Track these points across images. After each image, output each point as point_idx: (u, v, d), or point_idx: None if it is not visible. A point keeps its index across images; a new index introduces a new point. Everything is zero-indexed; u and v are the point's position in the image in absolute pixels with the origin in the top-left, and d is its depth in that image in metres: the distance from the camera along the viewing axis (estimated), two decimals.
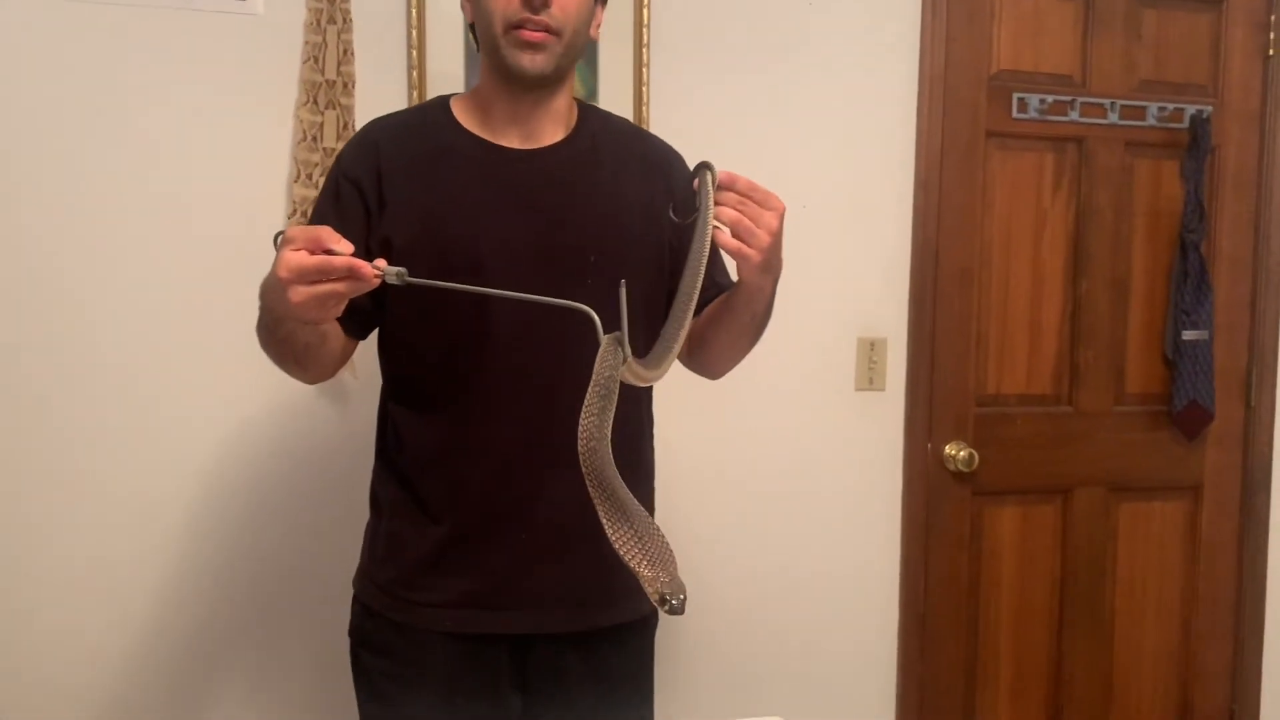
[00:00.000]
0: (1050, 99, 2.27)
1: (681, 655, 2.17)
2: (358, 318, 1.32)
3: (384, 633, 1.36)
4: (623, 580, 1.35)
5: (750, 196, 1.18)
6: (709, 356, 1.45)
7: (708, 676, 2.19)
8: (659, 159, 1.44)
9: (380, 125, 1.40)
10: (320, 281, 1.01)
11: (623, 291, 0.93)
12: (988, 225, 2.28)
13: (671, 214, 1.20)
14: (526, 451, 1.29)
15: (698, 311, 1.39)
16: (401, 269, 0.99)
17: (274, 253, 1.05)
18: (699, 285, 1.15)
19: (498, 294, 1.06)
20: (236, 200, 1.85)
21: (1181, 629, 2.46)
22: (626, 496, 0.81)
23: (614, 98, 2.02)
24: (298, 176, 1.85)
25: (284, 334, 1.21)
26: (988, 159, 2.27)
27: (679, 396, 2.09)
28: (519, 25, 1.25)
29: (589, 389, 0.88)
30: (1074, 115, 2.29)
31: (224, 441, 1.91)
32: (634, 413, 1.41)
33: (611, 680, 1.38)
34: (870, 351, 2.23)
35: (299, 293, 1.02)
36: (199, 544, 1.92)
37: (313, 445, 1.94)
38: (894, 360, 2.25)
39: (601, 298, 1.29)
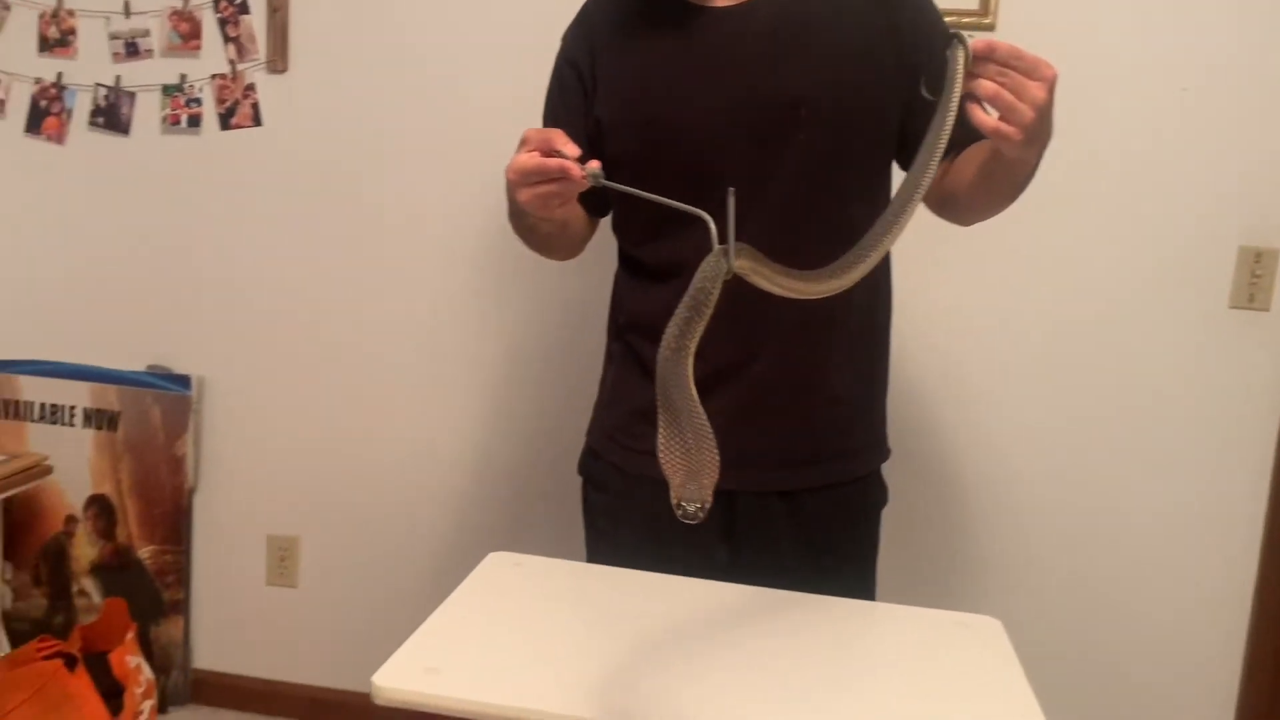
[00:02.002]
0: None
1: (989, 587, 2.04)
2: (594, 200, 1.36)
3: (605, 473, 1.42)
4: (825, 443, 1.34)
5: (1013, 65, 1.01)
6: (960, 213, 1.33)
7: (1012, 609, 2.04)
8: None
9: (595, 2, 1.40)
10: (542, 182, 1.08)
11: (730, 200, 0.88)
12: None
13: (924, 90, 1.08)
14: (736, 323, 1.26)
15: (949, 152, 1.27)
16: (597, 172, 1.04)
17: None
18: (919, 192, 1.03)
19: (636, 194, 1.03)
20: None
21: None
22: (686, 408, 0.80)
23: None
24: None
25: (528, 224, 1.28)
26: None
27: (1010, 295, 1.95)
28: None
29: (684, 297, 0.86)
30: None
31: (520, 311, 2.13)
32: (880, 276, 1.33)
33: (821, 538, 1.34)
34: (1254, 263, 1.90)
35: (524, 193, 1.10)
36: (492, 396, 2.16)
37: (570, 306, 2.11)
38: None
39: (811, 152, 1.24)
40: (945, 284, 1.98)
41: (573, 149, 1.05)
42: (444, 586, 1.21)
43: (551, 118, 1.37)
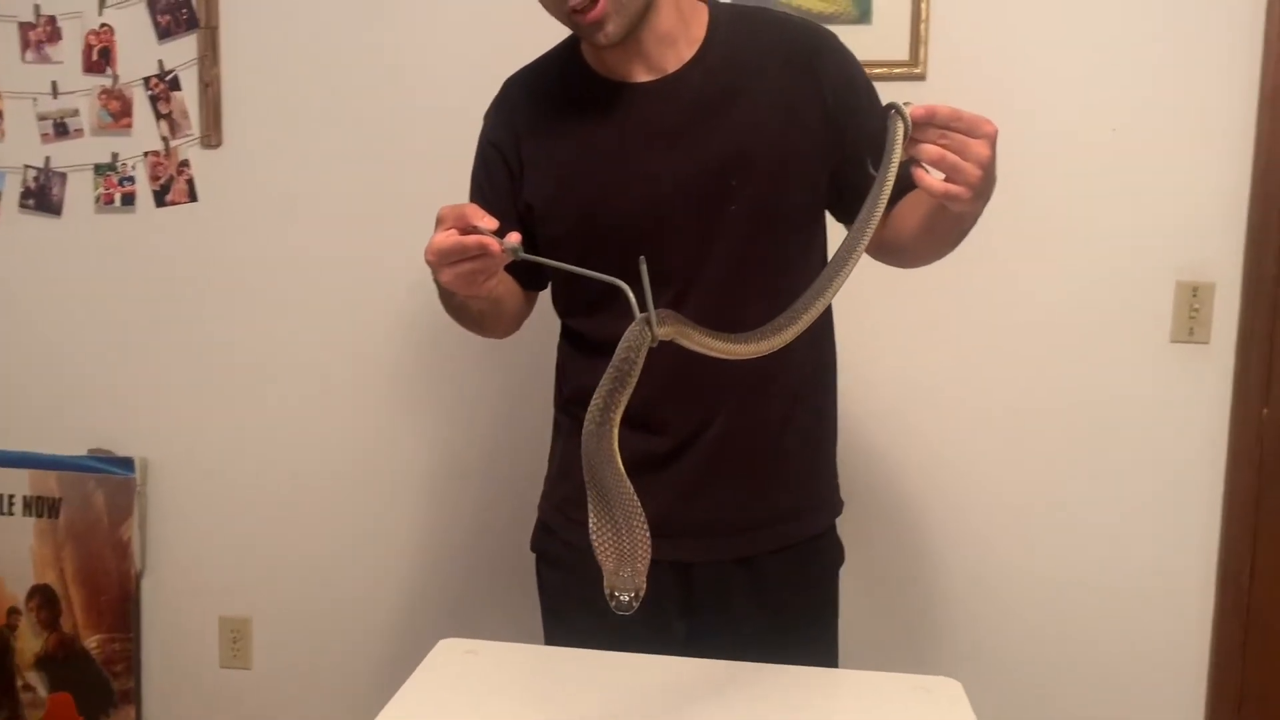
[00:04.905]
0: None
1: (953, 642, 2.04)
2: (528, 273, 1.34)
3: (557, 549, 1.38)
4: (779, 504, 1.32)
5: (953, 127, 1.02)
6: (903, 259, 1.34)
7: (975, 663, 2.03)
8: (802, 52, 1.27)
9: (516, 81, 1.37)
10: (462, 261, 1.04)
11: (643, 267, 0.87)
12: None
13: (870, 168, 1.08)
14: (698, 391, 1.26)
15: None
16: (515, 245, 1.01)
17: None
18: (851, 262, 1.04)
19: (569, 269, 1.02)
20: None
21: None
22: (615, 486, 0.77)
23: (889, 11, 1.90)
24: None
25: (457, 304, 1.25)
26: None
27: (963, 338, 1.96)
28: (574, 9, 1.16)
29: (608, 369, 0.84)
30: None
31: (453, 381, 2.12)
32: (823, 332, 1.34)
33: (780, 603, 1.33)
34: (1192, 298, 1.92)
35: (446, 274, 1.06)
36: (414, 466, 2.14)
37: (515, 375, 2.08)
38: (1222, 309, 1.92)
39: (744, 219, 1.24)
40: (889, 333, 1.99)
41: (490, 222, 1.02)
42: (401, 666, 1.18)
43: (479, 196, 1.34)
